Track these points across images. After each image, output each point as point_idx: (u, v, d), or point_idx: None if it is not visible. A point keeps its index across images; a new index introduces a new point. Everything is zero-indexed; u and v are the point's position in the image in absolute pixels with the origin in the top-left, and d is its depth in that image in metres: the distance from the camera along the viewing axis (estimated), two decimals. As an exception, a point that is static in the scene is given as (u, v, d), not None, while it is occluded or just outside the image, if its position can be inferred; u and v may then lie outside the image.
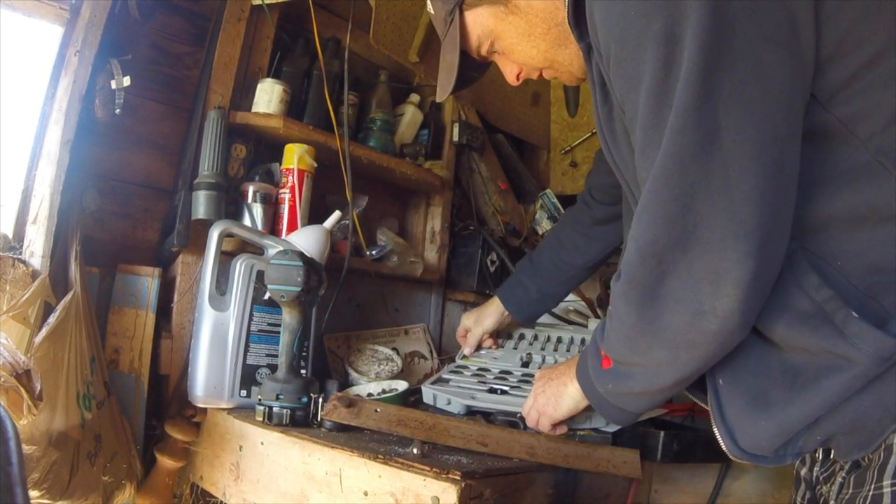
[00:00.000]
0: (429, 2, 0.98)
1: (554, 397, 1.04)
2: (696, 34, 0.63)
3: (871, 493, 0.72)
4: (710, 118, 0.64)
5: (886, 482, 0.70)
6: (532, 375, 1.33)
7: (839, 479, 0.80)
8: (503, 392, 1.27)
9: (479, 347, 1.54)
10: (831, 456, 0.84)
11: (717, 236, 0.65)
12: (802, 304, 0.70)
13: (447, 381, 1.36)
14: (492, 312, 1.51)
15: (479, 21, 0.94)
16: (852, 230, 0.70)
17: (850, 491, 0.76)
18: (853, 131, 0.68)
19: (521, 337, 1.59)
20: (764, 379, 0.76)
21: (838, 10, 0.67)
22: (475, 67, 1.04)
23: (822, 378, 0.71)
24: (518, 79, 1.01)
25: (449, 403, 1.23)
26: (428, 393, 1.26)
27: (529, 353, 1.48)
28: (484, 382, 1.33)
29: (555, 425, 1.06)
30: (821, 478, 0.87)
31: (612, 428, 1.11)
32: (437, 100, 1.10)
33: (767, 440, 0.76)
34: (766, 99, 0.64)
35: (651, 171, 0.68)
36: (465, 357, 1.52)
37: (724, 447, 0.80)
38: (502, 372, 1.40)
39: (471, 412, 1.21)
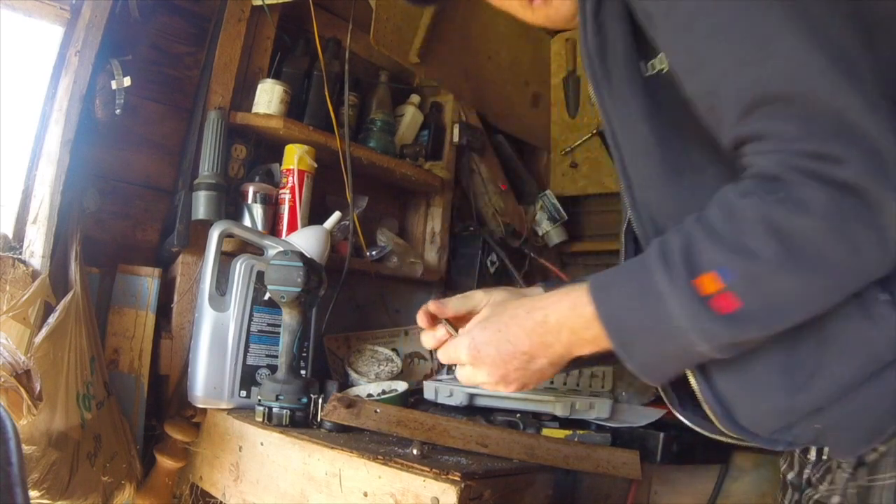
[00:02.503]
0: None
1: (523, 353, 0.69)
2: None
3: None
4: None
5: None
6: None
7: (844, 475, 0.79)
8: None
9: None
10: (823, 456, 0.84)
11: None
12: None
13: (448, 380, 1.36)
14: None
15: None
16: None
17: (866, 481, 0.75)
18: None
19: None
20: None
21: None
22: None
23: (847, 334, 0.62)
24: None
25: (451, 395, 1.22)
26: (429, 387, 1.26)
27: None
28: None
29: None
30: (813, 479, 0.87)
31: (615, 423, 1.11)
32: None
33: (772, 416, 0.70)
34: None
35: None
36: None
37: (717, 424, 0.75)
38: None
39: (471, 410, 1.21)
